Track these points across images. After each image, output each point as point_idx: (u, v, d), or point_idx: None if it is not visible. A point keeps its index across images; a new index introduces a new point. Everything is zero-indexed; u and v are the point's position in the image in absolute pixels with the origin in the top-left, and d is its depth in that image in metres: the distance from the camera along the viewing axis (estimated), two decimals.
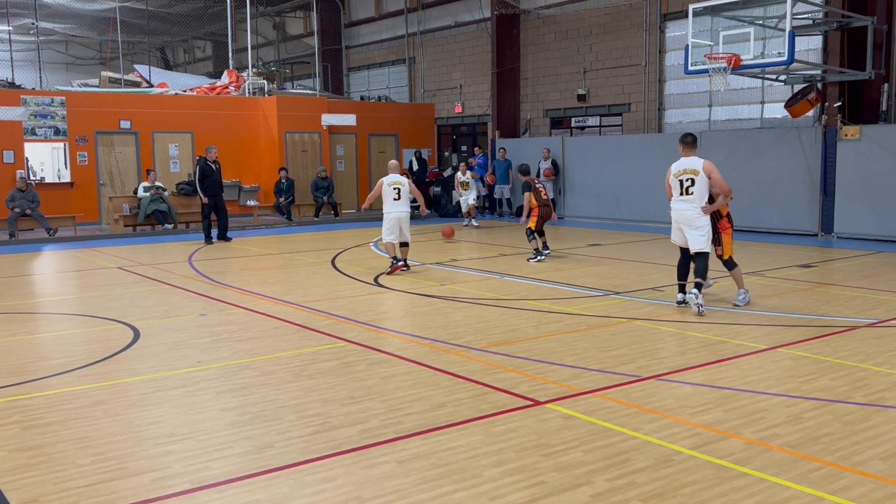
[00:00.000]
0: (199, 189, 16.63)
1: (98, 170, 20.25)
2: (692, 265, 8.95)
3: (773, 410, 5.38)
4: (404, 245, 12.05)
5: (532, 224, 12.96)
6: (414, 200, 12.62)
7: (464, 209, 19.70)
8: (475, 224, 19.41)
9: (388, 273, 11.80)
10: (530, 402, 5.60)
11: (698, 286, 8.64)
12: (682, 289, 9.02)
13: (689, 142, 8.93)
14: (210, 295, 10.27)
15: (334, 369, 6.56)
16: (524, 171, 13.42)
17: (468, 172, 19.59)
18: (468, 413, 5.39)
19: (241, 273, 12.33)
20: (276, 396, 5.84)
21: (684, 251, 9.06)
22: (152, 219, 18.63)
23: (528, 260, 13.00)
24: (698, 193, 8.71)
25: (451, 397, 5.75)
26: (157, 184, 18.92)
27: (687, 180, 8.79)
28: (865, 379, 6.10)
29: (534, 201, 13.05)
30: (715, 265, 9.28)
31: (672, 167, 8.97)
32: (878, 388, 5.85)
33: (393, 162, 12.53)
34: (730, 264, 9.17)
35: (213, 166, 16.64)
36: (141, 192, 18.72)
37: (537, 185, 13.28)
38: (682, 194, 8.84)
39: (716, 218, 9.03)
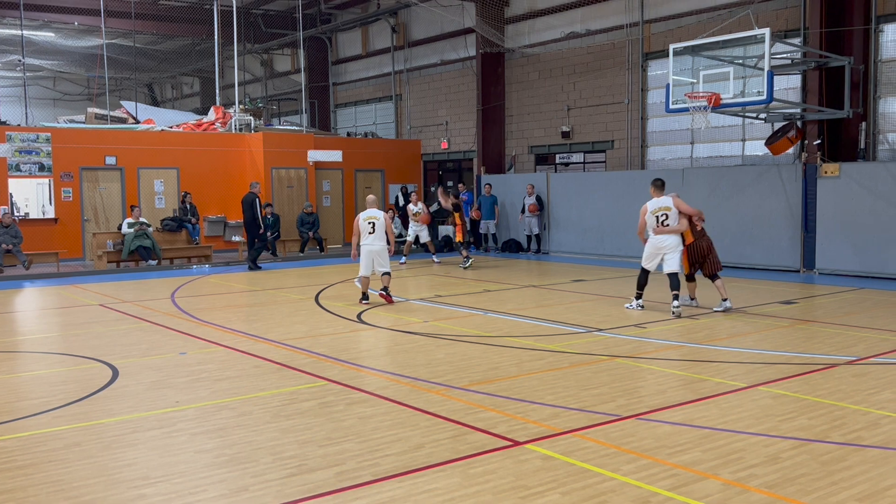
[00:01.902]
0: (250, 222, 18.04)
1: (82, 206, 20.22)
2: (648, 280, 11.50)
3: (751, 450, 5.38)
4: (385, 274, 12.41)
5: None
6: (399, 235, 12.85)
7: (410, 237, 19.18)
8: (436, 261, 19.14)
9: (360, 302, 12.42)
10: (509, 443, 5.58)
11: (676, 297, 10.88)
12: (640, 296, 11.55)
13: (660, 185, 11.28)
14: (191, 333, 10.21)
15: (312, 409, 6.52)
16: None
17: (420, 203, 19.29)
18: (446, 454, 5.36)
19: (223, 310, 12.27)
20: (252, 438, 5.79)
21: (647, 270, 11.43)
22: (136, 255, 18.57)
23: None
24: (672, 224, 11.07)
25: (430, 438, 5.72)
26: (142, 220, 18.89)
27: (662, 215, 11.08)
28: (843, 418, 6.11)
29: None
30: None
31: (648, 205, 11.16)
32: (856, 427, 5.87)
33: (371, 197, 12.93)
34: (690, 278, 11.65)
35: (257, 198, 18.11)
36: (125, 229, 18.67)
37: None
38: (658, 226, 11.09)
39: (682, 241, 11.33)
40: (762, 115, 16.21)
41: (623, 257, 18.80)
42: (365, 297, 12.47)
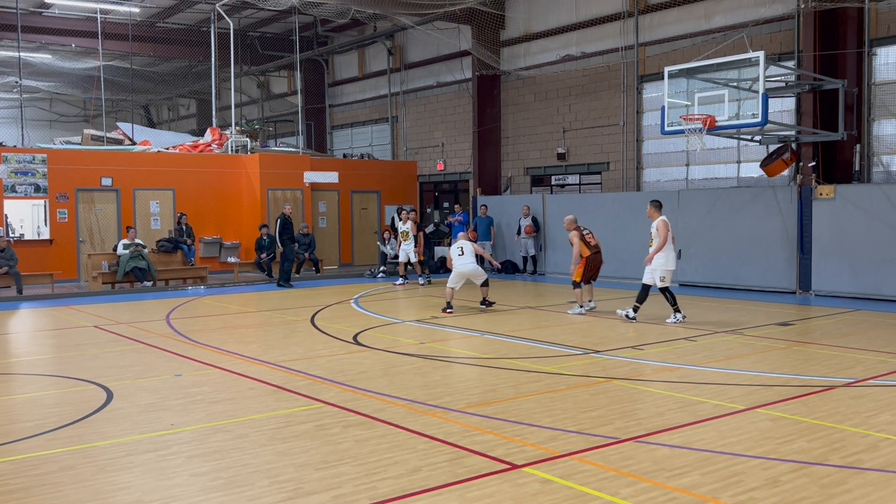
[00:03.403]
0: (278, 240, 19.00)
1: (78, 227, 20.18)
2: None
3: (751, 473, 5.35)
4: (483, 285, 14.14)
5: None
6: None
7: (401, 258, 18.97)
8: (421, 282, 18.89)
9: (442, 311, 13.71)
10: (507, 466, 5.54)
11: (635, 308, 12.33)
12: (678, 309, 12.25)
13: (658, 206, 12.62)
14: (186, 354, 10.16)
15: (309, 432, 6.47)
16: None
17: (409, 222, 18.92)
18: (444, 478, 5.31)
19: (219, 331, 12.22)
20: (248, 461, 5.74)
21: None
22: (131, 276, 18.51)
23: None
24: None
25: (427, 461, 5.67)
26: (137, 241, 18.85)
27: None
28: (843, 440, 6.08)
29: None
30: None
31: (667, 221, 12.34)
32: (855, 450, 5.84)
33: (461, 234, 15.15)
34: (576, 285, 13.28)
35: (290, 220, 19.09)
36: (120, 250, 18.62)
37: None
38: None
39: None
40: (757, 138, 16.30)
41: (619, 278, 18.80)
42: (448, 306, 13.75)
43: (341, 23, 26.78)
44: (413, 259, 18.89)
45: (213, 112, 25.91)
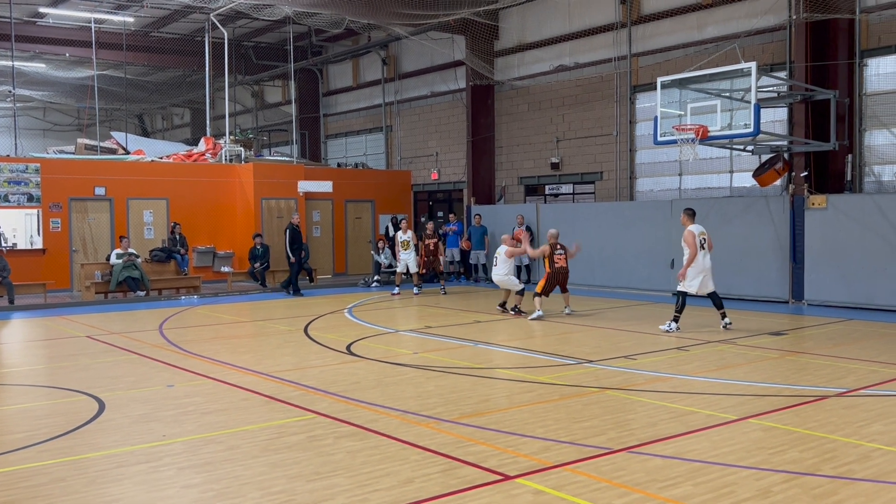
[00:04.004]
0: (288, 251, 19.18)
1: (71, 236, 20.13)
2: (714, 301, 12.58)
3: (743, 484, 5.35)
4: (517, 293, 14.75)
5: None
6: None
7: (400, 268, 18.86)
8: (415, 292, 18.87)
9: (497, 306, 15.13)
10: (500, 477, 5.53)
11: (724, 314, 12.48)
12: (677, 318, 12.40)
13: (691, 213, 12.70)
14: (179, 365, 10.13)
15: (301, 443, 6.45)
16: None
17: (409, 231, 18.94)
18: (436, 489, 5.30)
19: (211, 342, 12.19)
20: (240, 472, 5.72)
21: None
22: (124, 286, 18.46)
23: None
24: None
25: (420, 472, 5.67)
26: (131, 250, 18.81)
27: (702, 239, 12.36)
28: (834, 451, 6.10)
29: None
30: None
31: (694, 230, 12.32)
32: (847, 460, 5.85)
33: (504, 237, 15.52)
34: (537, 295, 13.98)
35: (299, 229, 19.48)
36: (113, 259, 18.58)
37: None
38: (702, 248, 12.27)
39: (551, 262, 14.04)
40: (749, 148, 16.36)
41: (613, 288, 18.83)
42: (501, 305, 15.20)
43: (335, 33, 26.88)
44: (413, 269, 18.86)
45: (208, 121, 25.90)
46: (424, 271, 19.07)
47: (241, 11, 23.24)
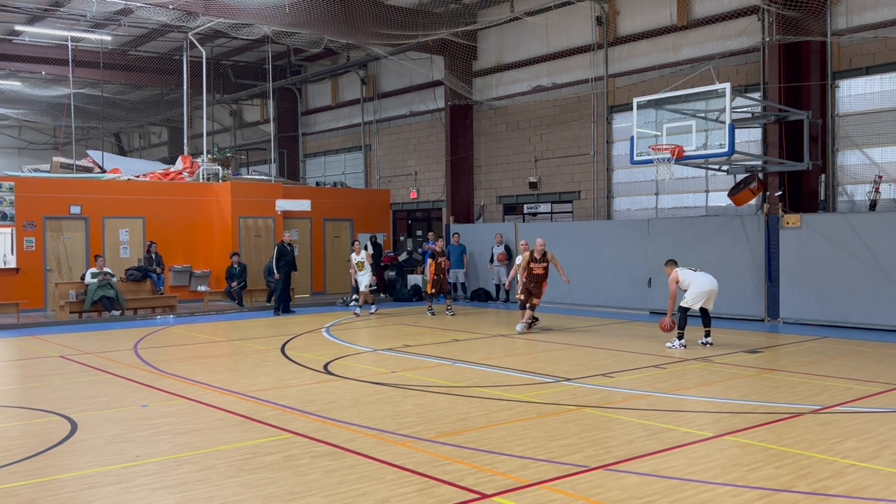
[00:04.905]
0: (274, 267, 19.04)
1: (45, 255, 19.90)
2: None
3: (719, 501, 5.36)
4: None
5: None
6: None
7: (361, 288, 18.31)
8: (371, 312, 18.47)
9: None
10: (477, 496, 5.50)
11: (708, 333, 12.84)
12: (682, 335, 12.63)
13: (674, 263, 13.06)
14: (154, 385, 10.02)
15: (277, 463, 6.39)
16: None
17: (363, 251, 18.50)
18: None
19: (187, 361, 12.07)
20: (214, 493, 5.65)
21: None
22: (99, 305, 18.27)
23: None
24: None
25: (396, 492, 5.63)
26: (106, 269, 18.63)
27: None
28: (809, 467, 6.13)
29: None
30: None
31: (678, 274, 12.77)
32: (822, 477, 5.88)
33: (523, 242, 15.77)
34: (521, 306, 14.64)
35: (289, 247, 19.27)
36: (88, 279, 18.39)
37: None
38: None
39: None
40: (724, 167, 16.54)
41: (590, 306, 18.89)
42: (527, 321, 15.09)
43: (314, 52, 26.94)
44: (362, 288, 18.27)
45: (185, 140, 25.80)
46: (434, 291, 18.42)
47: (220, 31, 23.22)
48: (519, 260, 15.44)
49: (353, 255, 18.54)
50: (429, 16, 20.91)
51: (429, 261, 18.70)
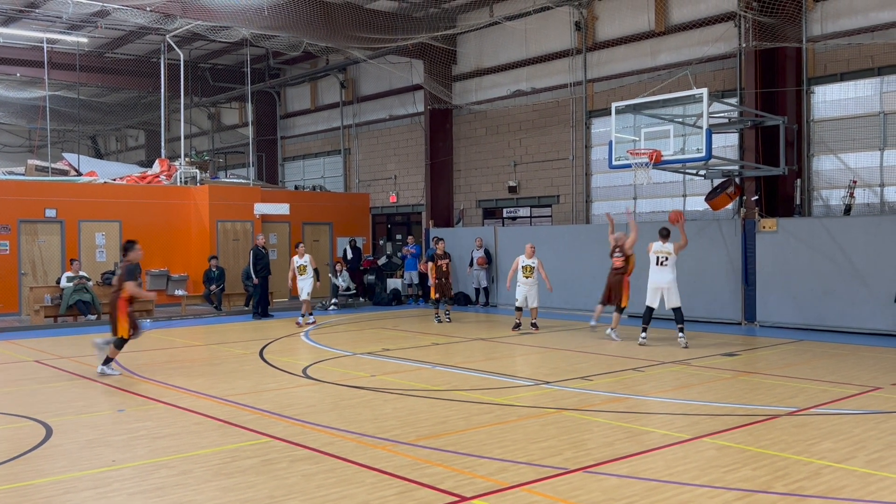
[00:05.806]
0: (252, 272, 18.84)
1: (20, 259, 19.66)
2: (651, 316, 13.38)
3: (697, 502, 5.39)
4: (534, 308, 15.42)
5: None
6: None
7: (302, 297, 17.32)
8: (311, 320, 17.25)
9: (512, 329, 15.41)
10: (456, 499, 5.50)
11: (682, 329, 13.03)
12: (645, 330, 13.24)
13: (665, 234, 13.35)
14: (130, 389, 9.92)
15: (255, 467, 6.35)
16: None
17: (307, 255, 17.44)
18: None
19: (164, 365, 11.97)
20: (192, 497, 5.60)
21: (651, 308, 13.23)
22: (75, 309, 18.06)
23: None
24: (671, 265, 13.09)
25: (376, 495, 5.61)
26: (82, 273, 18.44)
27: (663, 257, 13.17)
28: (786, 468, 6.18)
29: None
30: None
31: (653, 245, 13.37)
32: (798, 478, 5.93)
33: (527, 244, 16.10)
34: (620, 310, 14.11)
35: (263, 251, 19.01)
36: (64, 283, 18.19)
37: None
38: (657, 265, 13.15)
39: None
40: (702, 172, 16.67)
41: (570, 310, 18.94)
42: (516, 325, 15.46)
43: (294, 55, 26.84)
44: (304, 297, 17.30)
45: (163, 143, 25.59)
46: (438, 296, 17.46)
47: (198, 33, 23.09)
48: (524, 261, 15.71)
49: (296, 258, 17.36)
50: (408, 20, 20.92)
51: (430, 264, 17.68)
